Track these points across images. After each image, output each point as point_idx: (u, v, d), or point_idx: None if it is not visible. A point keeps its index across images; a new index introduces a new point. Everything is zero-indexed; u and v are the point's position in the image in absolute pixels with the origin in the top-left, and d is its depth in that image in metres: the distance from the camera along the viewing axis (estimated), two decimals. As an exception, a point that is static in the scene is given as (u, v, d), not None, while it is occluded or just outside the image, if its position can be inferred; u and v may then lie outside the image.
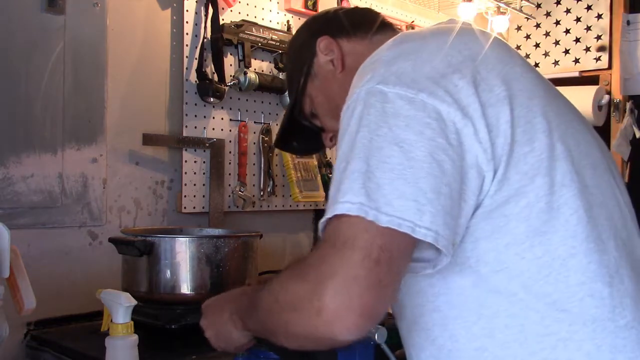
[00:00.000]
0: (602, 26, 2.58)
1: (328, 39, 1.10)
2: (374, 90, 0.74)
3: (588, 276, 0.73)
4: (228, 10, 1.90)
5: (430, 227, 0.67)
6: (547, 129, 0.76)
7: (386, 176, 0.68)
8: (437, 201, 0.67)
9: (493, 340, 0.74)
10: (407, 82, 0.73)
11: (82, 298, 1.48)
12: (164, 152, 1.78)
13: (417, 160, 0.68)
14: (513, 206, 0.73)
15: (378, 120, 0.71)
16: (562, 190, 0.74)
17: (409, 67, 0.75)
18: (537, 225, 0.73)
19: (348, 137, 0.73)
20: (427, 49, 0.78)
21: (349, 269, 0.65)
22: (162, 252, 1.38)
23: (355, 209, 0.66)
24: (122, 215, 1.68)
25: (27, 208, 1.49)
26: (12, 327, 1.05)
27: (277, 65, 1.98)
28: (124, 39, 1.68)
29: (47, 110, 1.53)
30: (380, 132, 0.70)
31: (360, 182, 0.68)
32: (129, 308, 1.08)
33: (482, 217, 0.74)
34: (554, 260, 0.72)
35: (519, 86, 0.77)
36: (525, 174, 0.73)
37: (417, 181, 0.67)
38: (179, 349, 1.31)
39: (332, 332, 0.66)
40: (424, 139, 0.69)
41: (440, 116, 0.71)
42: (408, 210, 0.66)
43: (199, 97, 1.82)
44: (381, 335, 0.91)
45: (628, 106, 2.54)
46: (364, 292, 0.65)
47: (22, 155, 1.48)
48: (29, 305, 1.05)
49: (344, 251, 0.66)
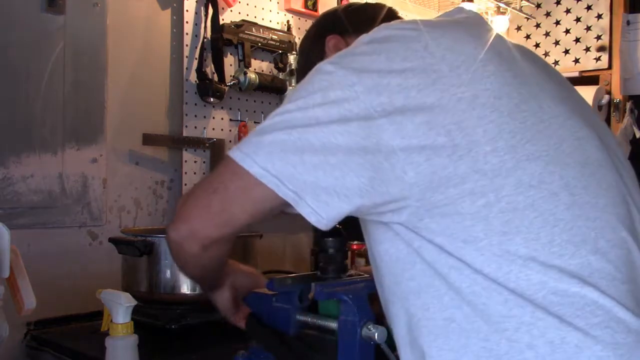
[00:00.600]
0: (602, 26, 2.58)
1: (336, 38, 1.12)
2: (324, 68, 0.79)
3: (551, 277, 0.72)
4: (228, 10, 1.90)
5: (297, 192, 0.74)
6: (515, 129, 0.75)
7: (281, 139, 0.75)
8: (313, 174, 0.74)
9: (461, 312, 0.74)
10: (353, 69, 0.76)
11: (82, 298, 1.48)
12: (164, 152, 1.78)
13: (314, 136, 0.74)
14: (469, 205, 0.73)
15: (309, 93, 0.77)
16: (529, 192, 0.73)
17: (367, 54, 0.78)
18: (496, 225, 0.72)
19: (282, 104, 0.80)
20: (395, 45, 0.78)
21: (198, 187, 0.81)
22: (162, 252, 1.38)
23: (240, 157, 0.76)
24: (122, 215, 1.68)
25: (27, 208, 1.49)
26: (12, 327, 1.05)
27: (277, 65, 1.98)
28: (124, 39, 1.68)
29: (47, 110, 1.53)
30: (303, 105, 0.76)
31: (259, 137, 0.77)
32: (129, 308, 1.08)
33: (435, 211, 0.74)
34: (514, 260, 0.72)
35: (485, 86, 0.76)
36: (485, 174, 0.73)
37: (304, 152, 0.74)
38: (179, 349, 1.31)
39: (169, 231, 0.83)
40: (334, 122, 0.74)
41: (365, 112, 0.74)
42: (283, 172, 0.74)
43: (199, 97, 1.82)
44: (381, 335, 0.91)
45: (628, 106, 2.54)
46: (192, 207, 0.80)
47: (22, 155, 1.48)
48: (29, 305, 1.05)
49: (206, 177, 0.83)
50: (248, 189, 0.76)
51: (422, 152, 0.73)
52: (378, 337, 0.91)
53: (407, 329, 0.80)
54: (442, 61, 0.76)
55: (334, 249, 1.05)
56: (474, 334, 0.74)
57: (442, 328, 0.76)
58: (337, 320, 0.95)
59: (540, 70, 0.86)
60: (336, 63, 0.78)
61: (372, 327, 0.91)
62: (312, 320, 1.00)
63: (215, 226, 0.80)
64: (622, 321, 0.71)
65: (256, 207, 0.78)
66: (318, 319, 1.00)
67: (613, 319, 0.71)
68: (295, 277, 1.05)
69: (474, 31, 0.83)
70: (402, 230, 0.78)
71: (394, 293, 0.82)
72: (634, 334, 0.71)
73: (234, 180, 0.77)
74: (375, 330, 0.91)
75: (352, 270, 1.08)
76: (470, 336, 0.74)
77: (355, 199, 0.74)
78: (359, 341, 0.92)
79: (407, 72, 0.75)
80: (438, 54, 0.77)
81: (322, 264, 1.05)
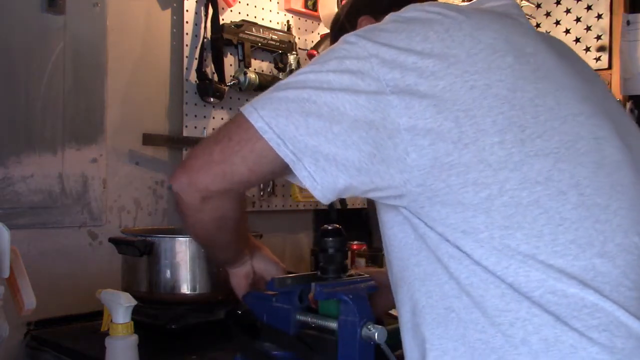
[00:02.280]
0: (602, 26, 2.58)
1: (369, 19, 1.09)
2: (348, 39, 0.79)
3: (550, 275, 0.71)
4: (228, 10, 1.90)
5: (296, 153, 0.74)
6: (526, 123, 0.74)
7: (290, 98, 0.76)
8: (315, 139, 0.74)
9: (460, 302, 0.74)
10: (374, 42, 0.77)
11: (82, 298, 1.48)
12: (164, 152, 1.78)
13: (323, 100, 0.75)
14: (472, 195, 0.72)
15: (327, 60, 0.78)
16: (535, 187, 0.72)
17: (390, 31, 0.79)
18: (498, 218, 0.72)
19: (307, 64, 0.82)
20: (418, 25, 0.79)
21: (204, 139, 0.83)
22: (162, 252, 1.38)
23: (248, 112, 0.77)
24: (122, 215, 1.68)
25: (27, 208, 1.49)
26: (12, 327, 1.05)
27: (277, 65, 1.98)
28: (124, 39, 1.68)
29: (47, 110, 1.53)
30: (319, 69, 0.77)
31: (270, 94, 0.78)
32: (129, 308, 1.08)
33: (436, 199, 0.73)
34: (513, 256, 0.71)
35: (500, 77, 0.75)
36: (489, 165, 0.72)
37: (309, 115, 0.74)
38: (179, 349, 1.31)
39: (172, 179, 0.84)
40: (345, 89, 0.75)
41: (377, 83, 0.74)
42: (286, 131, 0.75)
43: (199, 97, 1.82)
44: (381, 335, 0.91)
45: (628, 106, 2.54)
46: (194, 157, 0.82)
47: (22, 155, 1.48)
48: (29, 305, 1.04)
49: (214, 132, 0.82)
50: (250, 141, 0.77)
51: (427, 136, 0.72)
52: (378, 337, 0.91)
53: (411, 314, 0.80)
54: (460, 46, 0.76)
55: (334, 249, 1.05)
56: (471, 325, 0.73)
57: (443, 317, 0.76)
58: (337, 320, 0.95)
59: (568, 66, 0.84)
60: (360, 35, 0.79)
61: (372, 327, 0.91)
62: (312, 320, 1.00)
63: (215, 176, 0.80)
64: (623, 325, 0.70)
65: (257, 161, 0.78)
66: (318, 319, 1.00)
67: (613, 323, 0.70)
68: (295, 277, 1.05)
69: (498, 21, 0.82)
70: (409, 214, 0.78)
71: (401, 278, 0.82)
72: (635, 339, 0.70)
73: (238, 133, 0.78)
74: (375, 330, 0.91)
75: (352, 270, 1.08)
76: (468, 327, 0.74)
77: (353, 172, 0.74)
78: (359, 341, 0.92)
79: (425, 53, 0.75)
80: (458, 39, 0.77)
81: (322, 264, 1.05)
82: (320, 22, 2.12)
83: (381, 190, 0.76)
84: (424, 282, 0.78)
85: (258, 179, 0.81)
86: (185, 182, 0.82)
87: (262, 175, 0.81)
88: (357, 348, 0.92)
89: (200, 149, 0.82)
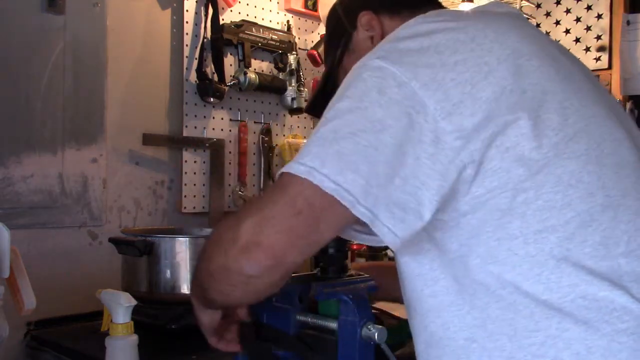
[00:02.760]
0: (602, 26, 2.58)
1: (370, 15, 1.07)
2: (372, 64, 0.75)
3: (582, 279, 0.71)
4: (228, 10, 1.90)
5: (371, 209, 0.68)
6: (559, 126, 0.74)
7: (349, 148, 0.70)
8: (387, 189, 0.69)
9: (484, 331, 0.74)
10: (406, 64, 0.74)
11: (82, 298, 1.48)
12: (164, 152, 1.78)
13: (383, 144, 0.70)
14: (509, 200, 0.72)
15: (363, 92, 0.73)
16: (567, 190, 0.72)
17: (414, 50, 0.75)
18: (533, 222, 0.72)
19: (332, 104, 0.75)
20: (442, 38, 0.77)
21: (270, 211, 0.70)
22: (162, 252, 1.38)
23: (306, 171, 0.69)
24: (122, 215, 1.68)
25: (27, 208, 1.49)
26: (12, 327, 1.05)
27: (277, 65, 1.98)
28: (124, 39, 1.68)
29: (47, 110, 1.53)
30: (361, 105, 0.72)
31: (322, 147, 0.71)
32: (129, 308, 1.08)
33: (478, 206, 0.73)
34: (547, 260, 0.71)
35: (531, 80, 0.75)
36: (528, 170, 0.72)
37: (376, 164, 0.69)
38: (179, 349, 1.31)
39: (239, 262, 0.72)
40: (399, 126, 0.70)
41: (425, 109, 0.71)
42: (356, 186, 0.68)
43: (199, 97, 1.82)
44: (381, 335, 0.91)
45: (628, 106, 2.54)
46: (274, 233, 0.70)
47: (22, 155, 1.48)
48: (29, 305, 1.04)
49: (276, 199, 0.71)
50: (330, 207, 0.69)
51: (480, 149, 0.72)
52: (378, 337, 0.91)
53: (426, 345, 0.80)
54: (490, 53, 0.75)
55: (334, 249, 1.05)
56: (496, 352, 0.73)
57: (464, 348, 0.75)
58: (337, 320, 0.95)
59: (578, 69, 0.85)
60: (384, 58, 0.75)
61: (372, 327, 0.91)
62: (312, 320, 1.00)
63: (302, 250, 0.72)
64: None
65: (339, 223, 0.72)
66: (318, 319, 1.00)
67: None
68: (295, 277, 1.05)
69: (515, 24, 0.82)
70: (441, 238, 0.76)
71: (414, 308, 0.81)
72: None
73: (315, 196, 0.69)
74: (375, 330, 0.91)
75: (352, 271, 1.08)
76: (492, 355, 0.73)
77: (427, 215, 0.71)
78: (359, 341, 0.92)
79: (459, 66, 0.74)
80: (486, 46, 0.76)
81: (322, 264, 1.05)
82: (320, 22, 2.12)
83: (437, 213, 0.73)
84: (440, 314, 0.77)
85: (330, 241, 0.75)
86: (270, 264, 0.71)
87: (341, 233, 0.75)
88: (357, 348, 0.92)
89: (274, 224, 0.70)
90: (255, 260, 0.71)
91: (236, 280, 0.75)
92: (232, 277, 0.74)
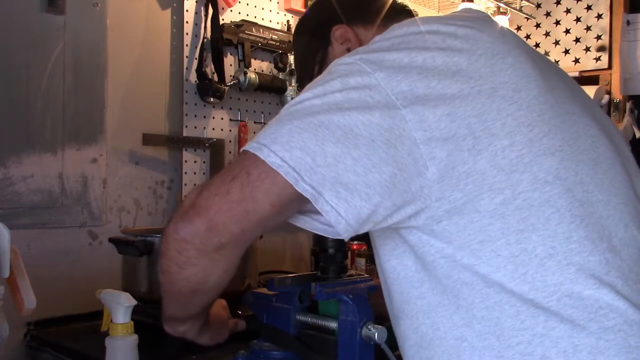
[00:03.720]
0: (602, 26, 2.58)
1: (344, 27, 1.07)
2: (342, 61, 0.77)
3: (567, 277, 0.71)
4: (228, 10, 1.90)
5: (316, 187, 0.69)
6: (533, 123, 0.73)
7: (301, 127, 0.71)
8: (335, 168, 0.69)
9: (472, 330, 0.74)
10: (373, 59, 0.75)
11: (82, 298, 1.48)
12: (164, 152, 1.78)
13: (335, 124, 0.71)
14: (487, 202, 0.72)
15: (326, 81, 0.74)
16: (545, 187, 0.72)
17: (384, 48, 0.77)
18: (513, 222, 0.71)
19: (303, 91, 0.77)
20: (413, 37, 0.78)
21: (213, 179, 0.74)
22: (162, 252, 1.38)
23: (256, 148, 0.71)
24: (122, 215, 1.68)
25: (27, 208, 1.49)
26: (12, 327, 1.05)
27: (277, 65, 1.98)
28: (124, 39, 1.68)
29: (47, 110, 1.53)
30: (323, 92, 0.73)
31: (276, 127, 0.72)
32: (129, 308, 1.08)
33: (454, 211, 0.72)
34: (531, 259, 0.71)
35: (503, 79, 0.75)
36: (502, 169, 0.71)
37: (326, 143, 0.70)
38: (179, 349, 1.30)
39: (176, 225, 0.74)
40: (355, 108, 0.71)
41: (387, 98, 0.72)
42: (302, 163, 0.69)
43: (199, 97, 1.82)
44: (381, 335, 0.91)
45: (628, 106, 2.54)
46: (211, 196, 0.72)
47: (22, 155, 1.48)
48: (29, 305, 1.04)
49: (223, 171, 0.74)
50: (269, 176, 0.70)
51: (444, 147, 0.71)
52: (378, 337, 0.91)
53: (418, 347, 0.79)
54: (460, 53, 0.75)
55: (334, 249, 1.05)
56: (486, 351, 0.73)
57: (454, 348, 0.75)
58: (337, 320, 0.95)
59: (550, 68, 0.85)
60: (354, 55, 0.77)
61: (372, 327, 0.91)
62: (312, 320, 1.00)
63: (237, 217, 0.72)
64: (635, 323, 0.71)
65: (280, 195, 0.71)
66: (318, 319, 1.00)
67: (627, 322, 0.71)
68: (295, 277, 1.05)
69: (487, 25, 0.82)
70: (416, 242, 0.76)
71: (403, 311, 0.81)
72: None
73: (256, 167, 0.71)
74: (375, 330, 0.91)
75: (352, 270, 1.08)
76: (483, 354, 0.73)
77: (375, 198, 0.71)
78: (359, 341, 0.92)
79: (427, 62, 0.74)
80: (456, 46, 0.76)
81: (322, 264, 1.06)
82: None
83: (399, 211, 0.73)
84: (429, 315, 0.77)
85: (280, 216, 0.75)
86: (202, 227, 0.72)
87: (284, 212, 0.75)
88: (357, 348, 0.92)
89: (212, 188, 0.73)
90: (189, 221, 0.73)
91: (172, 252, 0.76)
92: (169, 248, 0.76)
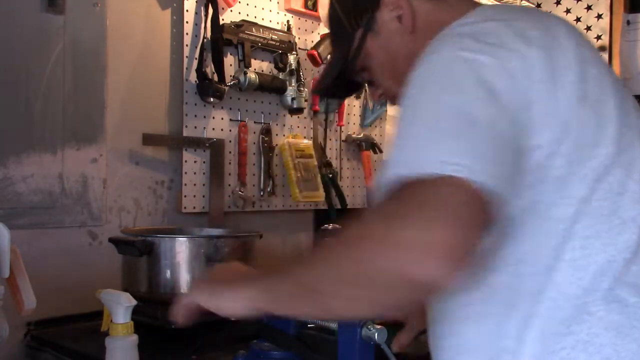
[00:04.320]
0: (602, 26, 2.58)
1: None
2: (453, 55, 0.73)
3: (619, 284, 0.72)
4: (228, 10, 1.90)
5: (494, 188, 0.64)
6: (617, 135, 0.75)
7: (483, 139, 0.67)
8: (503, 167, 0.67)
9: (516, 340, 0.74)
10: (488, 51, 0.72)
11: (82, 298, 1.47)
12: (164, 152, 1.78)
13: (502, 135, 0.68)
14: (564, 208, 0.73)
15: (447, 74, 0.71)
16: (615, 198, 0.74)
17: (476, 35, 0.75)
18: (578, 229, 0.73)
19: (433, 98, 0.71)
20: (511, 29, 0.76)
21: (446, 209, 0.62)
22: (162, 252, 1.38)
23: (450, 169, 0.63)
24: (122, 215, 1.68)
25: (27, 208, 1.49)
26: (12, 327, 1.05)
27: (277, 65, 1.98)
28: (124, 39, 1.68)
29: (47, 110, 1.53)
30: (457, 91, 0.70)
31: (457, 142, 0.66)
32: (129, 308, 1.08)
33: (530, 215, 0.73)
34: (589, 265, 0.72)
35: (592, 71, 0.76)
36: (584, 177, 0.73)
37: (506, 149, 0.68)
38: (179, 349, 1.31)
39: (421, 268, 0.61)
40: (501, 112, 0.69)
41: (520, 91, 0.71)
42: (494, 176, 0.65)
43: (199, 97, 1.82)
44: (381, 335, 0.91)
45: (628, 106, 2.54)
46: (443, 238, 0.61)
47: (22, 155, 1.48)
48: (29, 305, 1.05)
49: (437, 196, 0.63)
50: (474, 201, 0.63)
51: (550, 155, 0.72)
52: (378, 337, 0.91)
53: (456, 351, 0.79)
54: (565, 53, 0.76)
55: (334, 249, 1.04)
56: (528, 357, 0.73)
57: (496, 357, 0.75)
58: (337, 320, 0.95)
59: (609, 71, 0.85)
60: (456, 44, 0.74)
61: (372, 327, 0.91)
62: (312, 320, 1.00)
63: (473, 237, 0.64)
64: None
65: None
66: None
67: None
68: (295, 277, 1.04)
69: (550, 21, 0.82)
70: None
71: (445, 317, 0.81)
72: None
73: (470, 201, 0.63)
74: (375, 330, 0.91)
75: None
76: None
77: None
78: (359, 341, 0.92)
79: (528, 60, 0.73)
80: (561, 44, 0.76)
81: (322, 264, 1.05)
82: (321, 22, 2.12)
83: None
84: (479, 322, 0.77)
85: None
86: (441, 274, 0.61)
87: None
88: (357, 348, 0.92)
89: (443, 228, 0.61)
90: (427, 267, 0.61)
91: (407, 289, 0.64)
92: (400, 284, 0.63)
